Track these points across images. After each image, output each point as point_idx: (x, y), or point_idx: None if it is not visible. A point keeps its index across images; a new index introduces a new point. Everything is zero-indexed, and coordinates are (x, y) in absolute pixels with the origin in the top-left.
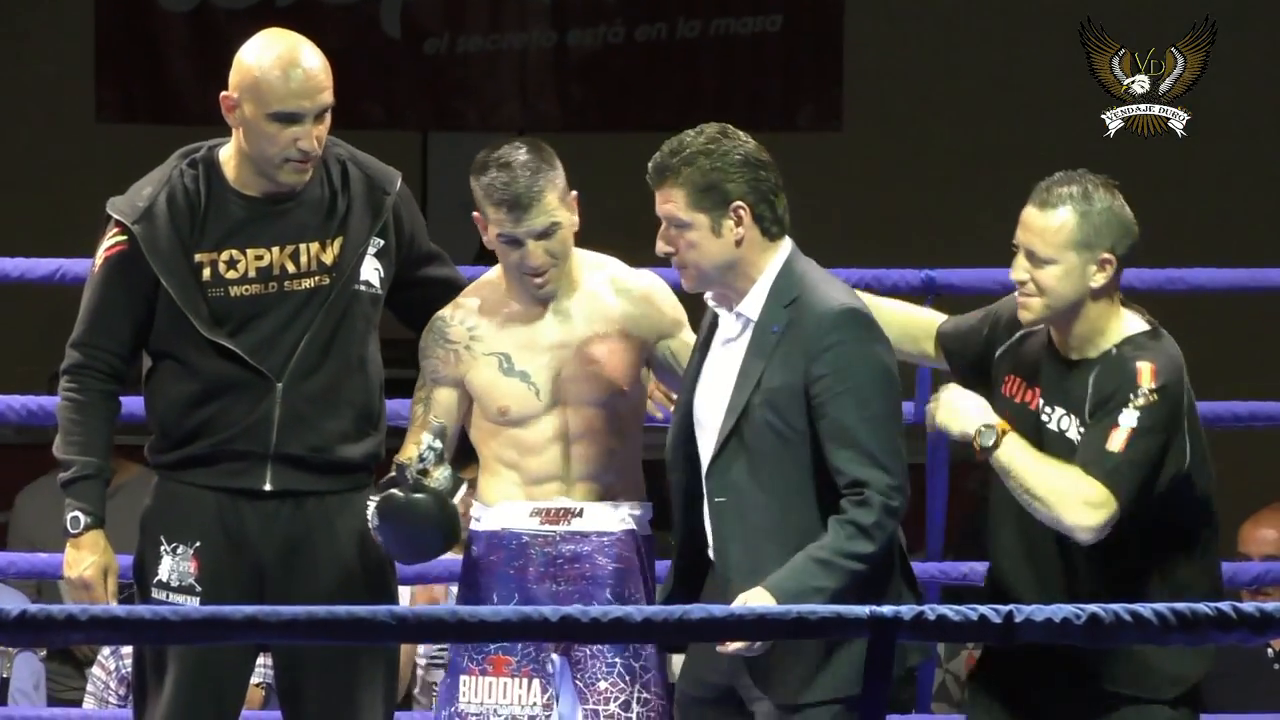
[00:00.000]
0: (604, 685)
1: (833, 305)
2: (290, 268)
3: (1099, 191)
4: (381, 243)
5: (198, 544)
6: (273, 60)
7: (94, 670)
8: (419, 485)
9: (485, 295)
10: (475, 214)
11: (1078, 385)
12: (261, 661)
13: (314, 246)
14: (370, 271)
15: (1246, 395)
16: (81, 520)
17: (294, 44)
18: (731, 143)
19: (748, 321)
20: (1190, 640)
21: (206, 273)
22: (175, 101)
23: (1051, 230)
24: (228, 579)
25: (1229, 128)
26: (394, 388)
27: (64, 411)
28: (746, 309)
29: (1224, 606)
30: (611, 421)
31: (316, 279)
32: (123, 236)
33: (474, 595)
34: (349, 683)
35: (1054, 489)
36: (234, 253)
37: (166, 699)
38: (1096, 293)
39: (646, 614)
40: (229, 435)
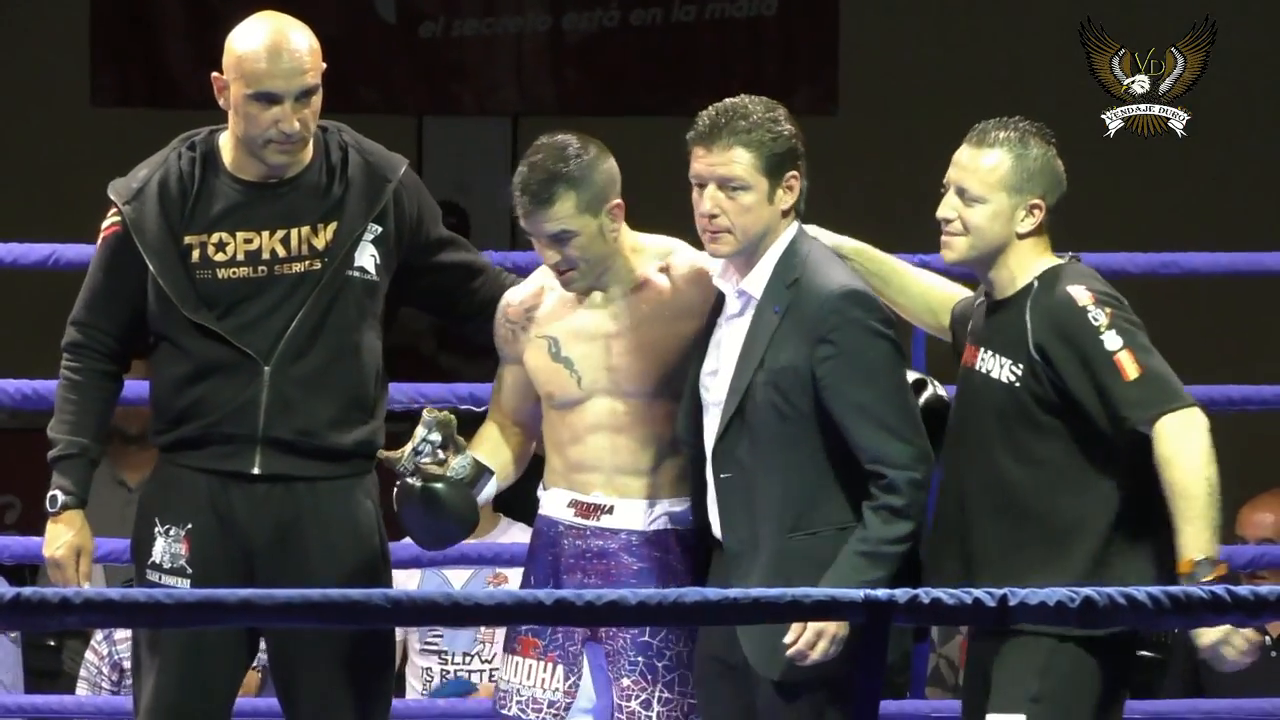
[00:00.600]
0: (626, 682)
1: (835, 286)
2: (280, 251)
3: (1035, 139)
4: (380, 229)
5: (189, 526)
6: (257, 41)
7: (87, 655)
8: (430, 475)
9: (548, 277)
10: None
11: (1008, 325)
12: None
13: (304, 230)
14: (366, 259)
15: (1240, 379)
16: (59, 499)
17: (280, 25)
18: (785, 113)
19: (749, 299)
20: (1185, 623)
21: (195, 255)
22: (171, 86)
23: (985, 169)
24: (218, 562)
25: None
26: None
27: (60, 390)
28: (749, 286)
29: (1218, 589)
30: (660, 411)
31: (307, 263)
32: (117, 218)
33: (526, 577)
34: (343, 667)
35: (1200, 476)
36: (223, 235)
37: (157, 677)
38: (1021, 237)
39: (641, 597)
40: (217, 418)
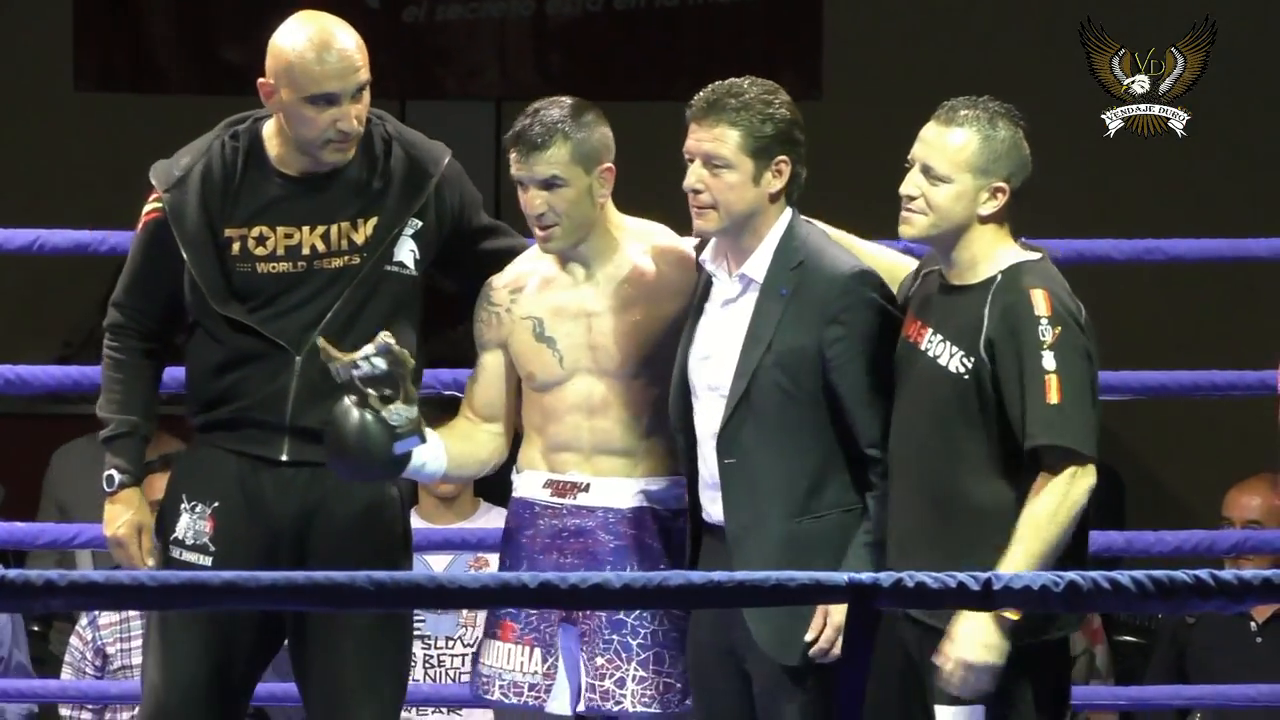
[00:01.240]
0: (600, 661)
1: (844, 268)
2: (320, 247)
3: (1003, 120)
4: (420, 224)
5: (216, 505)
6: (305, 43)
7: (72, 640)
8: (365, 401)
9: (533, 260)
10: None
11: (964, 312)
12: None
13: (344, 225)
14: (405, 253)
15: (1226, 365)
16: (116, 479)
17: (326, 25)
18: (784, 98)
19: (749, 283)
20: (1169, 608)
21: (236, 247)
22: (154, 70)
23: (952, 149)
24: (242, 542)
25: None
26: None
27: (105, 370)
28: (751, 270)
29: (1202, 574)
30: (639, 392)
31: (346, 259)
32: (158, 204)
33: (502, 560)
34: (359, 650)
35: (1054, 522)
36: (264, 229)
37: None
38: (984, 219)
39: (625, 580)
40: (247, 404)
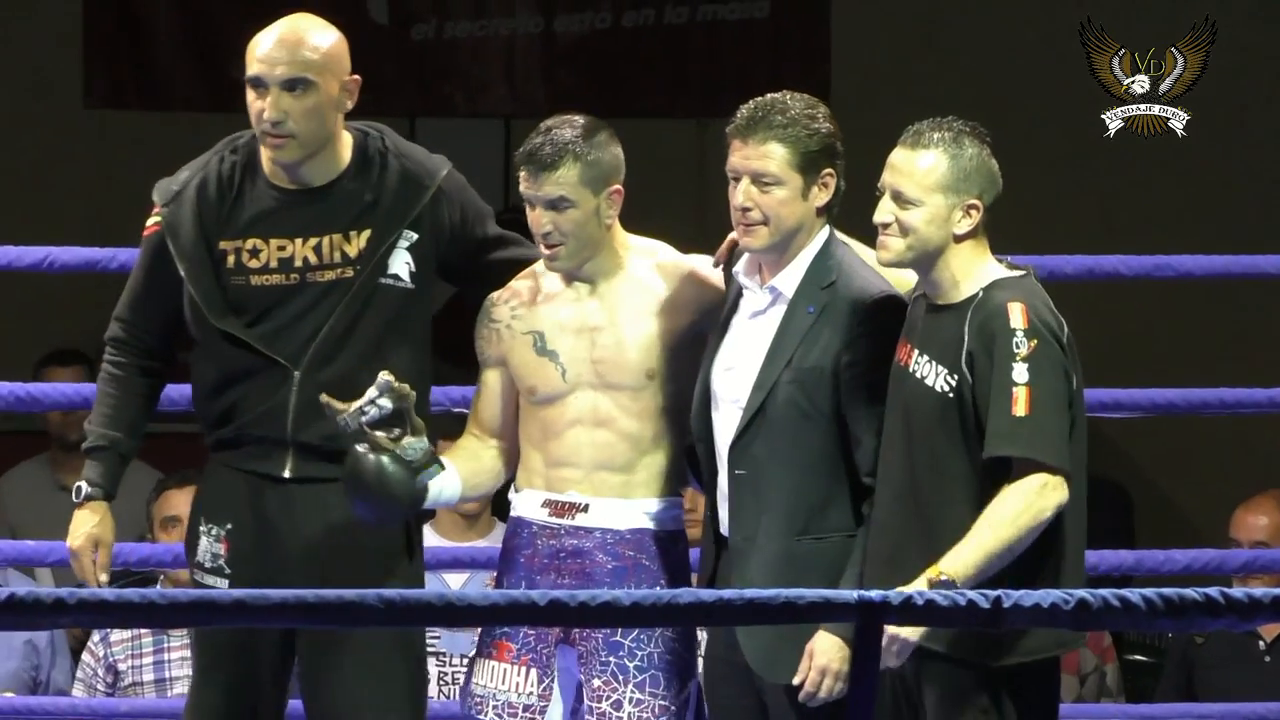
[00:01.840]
0: (597, 683)
1: (872, 291)
2: (312, 259)
3: (969, 139)
4: (415, 236)
5: (229, 527)
6: (264, 30)
7: (84, 657)
8: (379, 445)
9: (534, 275)
10: None
11: (947, 331)
12: None
13: (337, 238)
14: (400, 266)
15: (1234, 381)
16: (84, 490)
17: (292, 19)
18: (826, 111)
19: (779, 296)
20: (1178, 626)
21: (230, 260)
22: (163, 87)
23: (920, 172)
24: (254, 563)
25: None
26: None
27: (100, 383)
28: (781, 284)
29: (1212, 592)
30: (642, 407)
31: (339, 271)
32: (157, 218)
33: (500, 580)
34: (368, 674)
35: (1014, 525)
36: (257, 242)
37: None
38: (959, 238)
39: (635, 598)
40: (248, 420)
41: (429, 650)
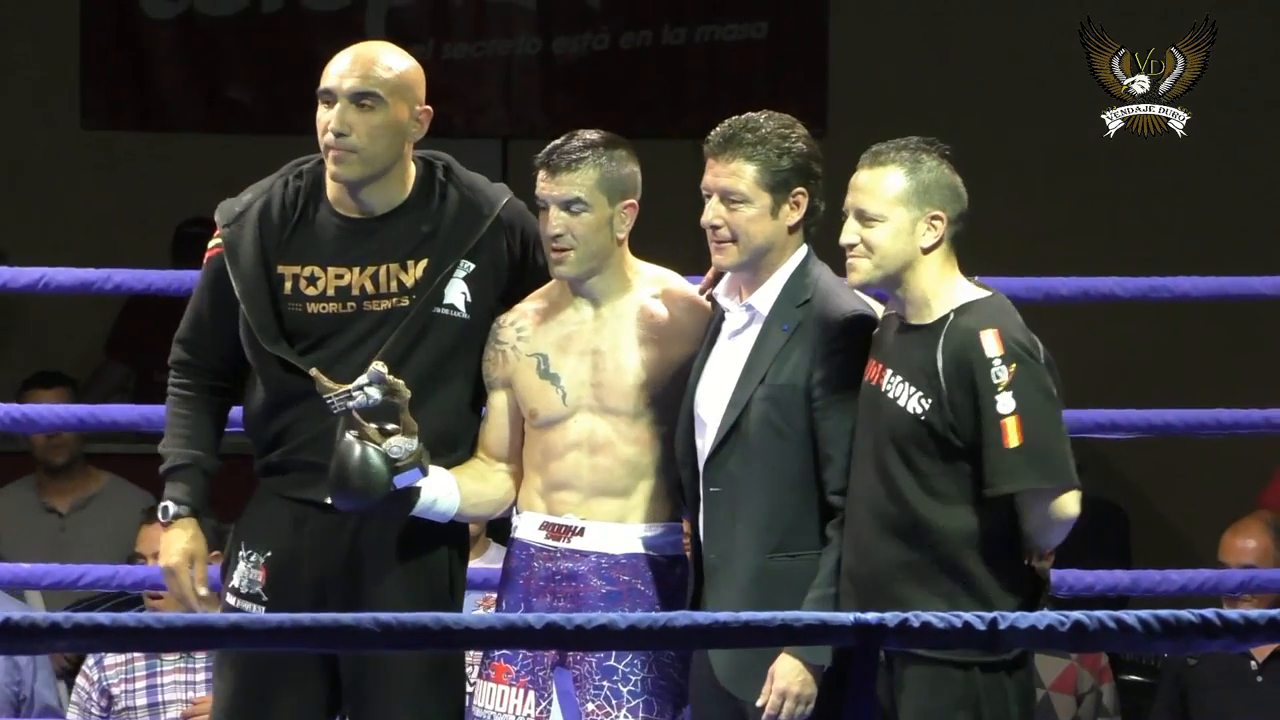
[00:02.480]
0: (591, 707)
1: (845, 311)
2: (369, 288)
3: (927, 154)
4: (472, 266)
5: (269, 554)
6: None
7: (78, 681)
8: (366, 435)
9: (542, 297)
10: None
11: (919, 353)
12: None
13: (394, 267)
14: (456, 295)
15: (1229, 403)
16: (171, 509)
17: (369, 42)
18: (801, 131)
19: (756, 314)
20: (1175, 647)
21: (288, 286)
22: (161, 108)
23: (881, 188)
24: (292, 591)
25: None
26: None
27: (170, 407)
28: (758, 302)
29: (1208, 613)
30: (642, 432)
31: (395, 300)
32: (219, 240)
33: (499, 602)
34: (411, 698)
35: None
36: (315, 269)
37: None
38: (926, 251)
39: (631, 621)
40: (296, 445)
41: None
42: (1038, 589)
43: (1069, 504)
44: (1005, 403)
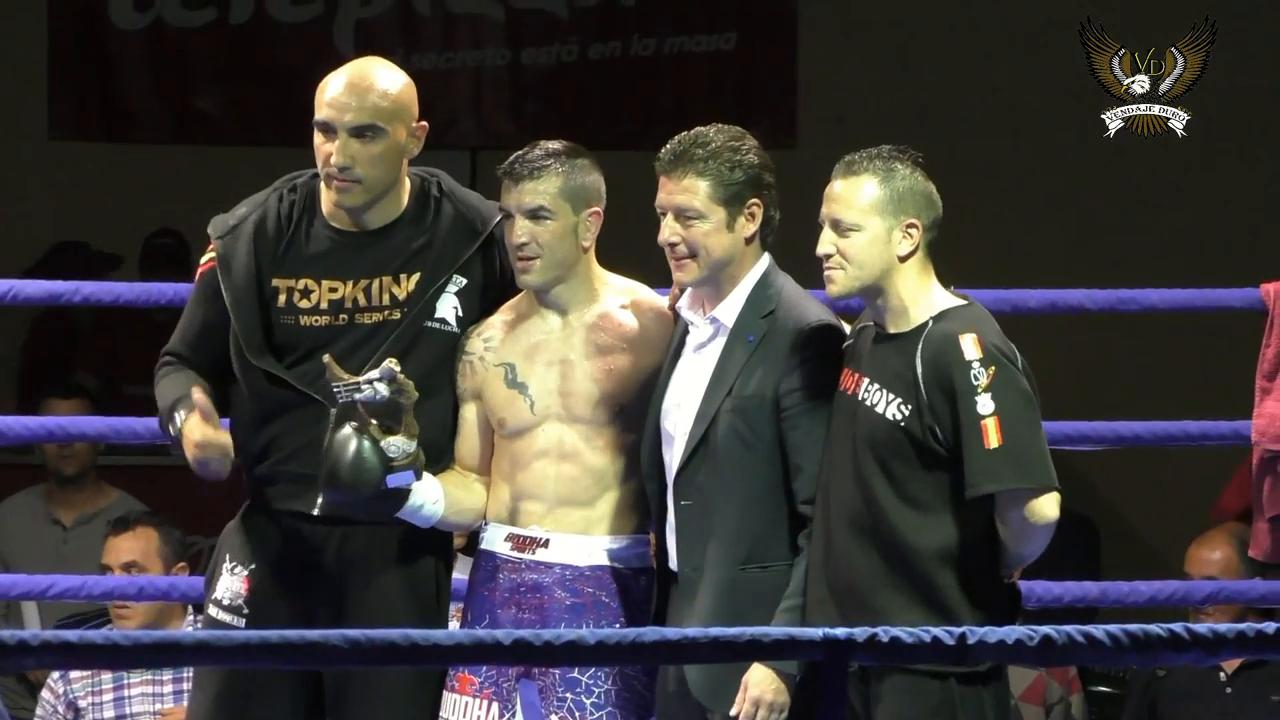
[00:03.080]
0: (555, 719)
1: (810, 320)
2: (361, 301)
3: (900, 162)
4: (464, 281)
5: (252, 567)
6: (333, 73)
7: (43, 694)
8: (365, 428)
9: (511, 309)
10: None
11: (898, 361)
12: None
13: (386, 280)
14: (447, 310)
15: (1199, 414)
16: (180, 417)
17: (362, 62)
18: (751, 143)
19: (721, 327)
20: (1144, 661)
21: (282, 299)
22: (129, 119)
23: (855, 197)
24: (275, 605)
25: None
26: None
27: (159, 383)
28: (722, 314)
29: (1176, 628)
30: (609, 442)
31: (386, 313)
32: (212, 253)
33: (465, 613)
34: (391, 710)
35: (1033, 551)
36: (309, 282)
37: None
38: (903, 259)
39: (600, 636)
40: (283, 457)
41: None
42: (1016, 600)
43: (1048, 506)
44: (985, 404)
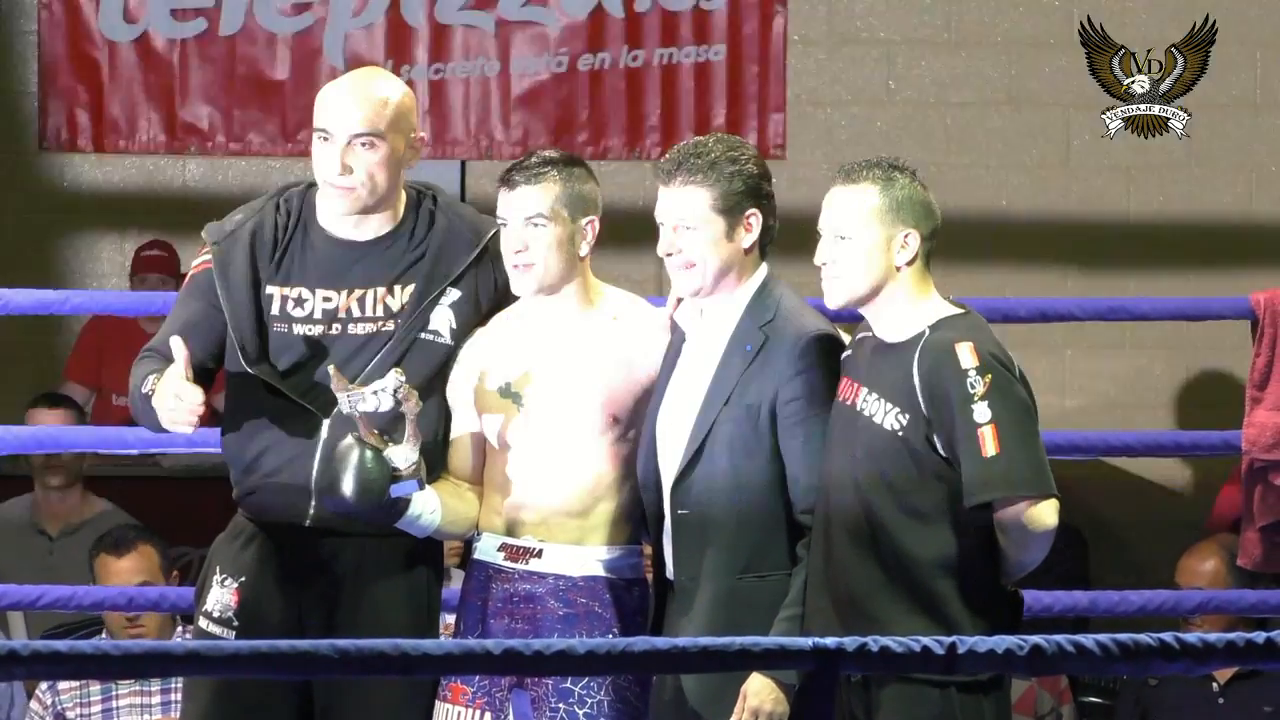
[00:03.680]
0: None
1: (808, 330)
2: (355, 311)
3: (899, 172)
4: (459, 294)
5: (243, 579)
6: (335, 79)
7: (31, 704)
8: (368, 438)
9: (506, 319)
10: None
11: (895, 370)
12: None
13: (380, 291)
14: (441, 322)
15: (1189, 424)
16: (150, 380)
17: (361, 71)
18: (750, 152)
19: (718, 336)
20: (1134, 670)
21: (276, 306)
22: (119, 130)
23: (854, 206)
24: (265, 616)
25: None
26: None
27: (134, 370)
28: (719, 324)
29: (1166, 637)
30: (602, 453)
31: (379, 324)
32: (208, 256)
33: (458, 623)
34: (387, 715)
35: (1032, 560)
36: (304, 291)
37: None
38: (901, 269)
39: (590, 646)
40: (275, 467)
41: None
42: (1018, 609)
43: (1046, 514)
44: (981, 412)
